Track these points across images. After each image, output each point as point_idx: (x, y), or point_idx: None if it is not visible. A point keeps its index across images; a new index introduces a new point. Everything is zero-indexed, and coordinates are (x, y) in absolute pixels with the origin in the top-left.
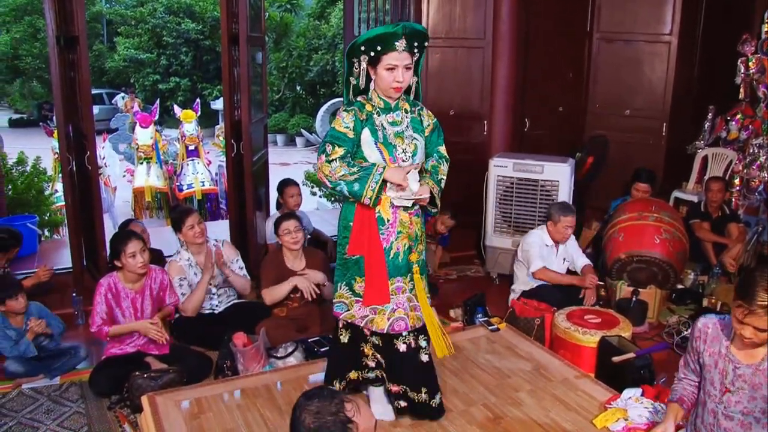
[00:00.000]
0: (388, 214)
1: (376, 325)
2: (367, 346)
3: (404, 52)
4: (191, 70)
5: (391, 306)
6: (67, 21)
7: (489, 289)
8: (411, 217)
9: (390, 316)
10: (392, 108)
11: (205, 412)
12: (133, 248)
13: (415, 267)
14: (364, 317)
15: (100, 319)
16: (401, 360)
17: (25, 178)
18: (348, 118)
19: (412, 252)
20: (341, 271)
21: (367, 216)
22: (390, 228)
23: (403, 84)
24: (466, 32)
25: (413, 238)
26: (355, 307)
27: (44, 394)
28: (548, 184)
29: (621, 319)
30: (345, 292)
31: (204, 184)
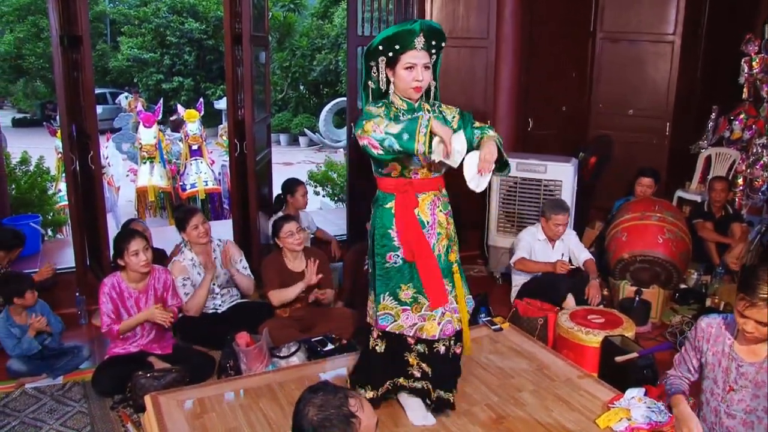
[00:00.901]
0: (426, 215)
1: (427, 332)
2: (411, 355)
3: (423, 51)
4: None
5: (440, 310)
6: (70, 20)
7: (492, 288)
8: (447, 217)
9: (440, 321)
10: (415, 109)
11: (207, 411)
12: (136, 246)
13: (454, 267)
14: (412, 326)
15: (109, 318)
16: (443, 362)
17: (28, 177)
18: (378, 108)
19: (451, 252)
20: (383, 281)
21: (411, 220)
22: (430, 230)
23: (423, 84)
24: (469, 32)
25: (451, 238)
26: (402, 317)
27: (47, 393)
28: (551, 184)
29: (624, 319)
30: (389, 303)
31: (207, 183)
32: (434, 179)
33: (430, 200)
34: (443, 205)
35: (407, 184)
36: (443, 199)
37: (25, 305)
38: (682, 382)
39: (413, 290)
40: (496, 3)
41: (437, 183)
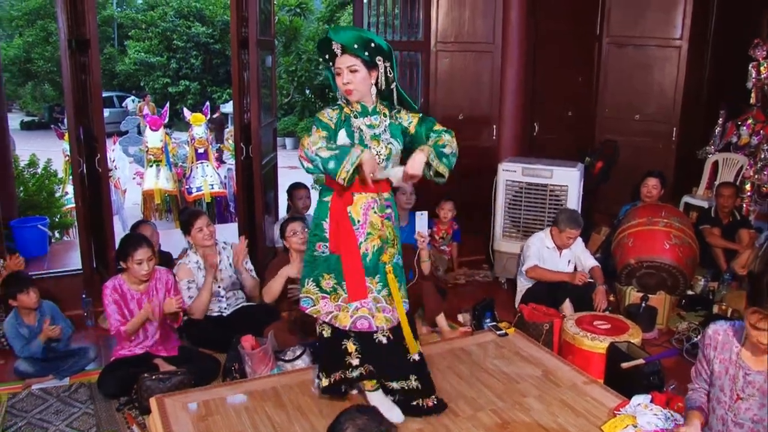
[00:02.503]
0: (358, 214)
1: (339, 321)
2: (349, 342)
3: (345, 55)
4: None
5: (354, 304)
6: (78, 24)
7: (497, 293)
8: (383, 219)
9: (353, 314)
10: (369, 112)
11: (212, 414)
12: (142, 256)
13: (387, 267)
14: (328, 313)
15: (116, 321)
16: (386, 352)
17: (36, 180)
18: (331, 112)
19: (384, 253)
20: (309, 267)
21: (341, 214)
22: (360, 229)
23: (352, 86)
24: (475, 36)
25: (385, 240)
26: (320, 303)
27: (53, 394)
28: (557, 189)
29: (630, 325)
30: (312, 288)
31: (213, 186)
32: (374, 183)
33: (365, 201)
34: (380, 207)
35: None
36: (381, 202)
37: (28, 305)
38: (699, 396)
39: (334, 281)
40: (501, 8)
41: (377, 187)
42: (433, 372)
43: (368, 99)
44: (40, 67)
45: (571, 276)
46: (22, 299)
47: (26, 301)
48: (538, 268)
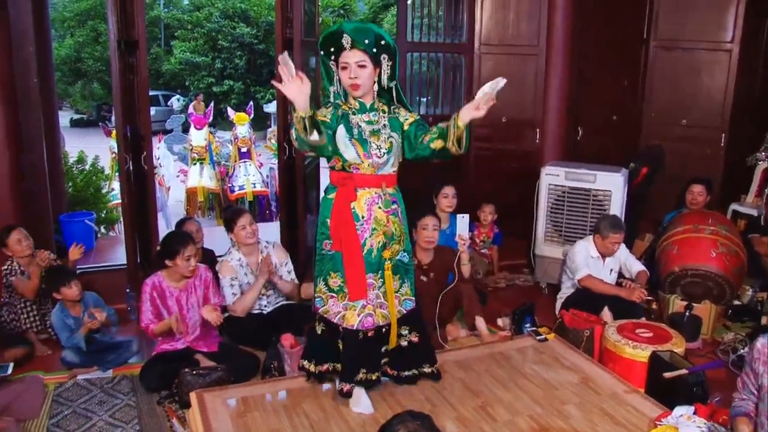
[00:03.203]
0: (362, 210)
1: (347, 321)
2: (341, 342)
3: (354, 50)
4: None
5: (361, 302)
6: (128, 25)
7: (538, 298)
8: (388, 215)
9: (360, 313)
10: (368, 109)
11: (251, 410)
12: (190, 252)
13: (387, 264)
14: (336, 313)
15: (149, 316)
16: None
17: (84, 176)
18: (324, 110)
19: (386, 249)
20: (319, 266)
21: (344, 212)
22: (364, 224)
23: (359, 81)
24: (519, 39)
25: (389, 236)
26: (329, 303)
27: (97, 385)
28: (601, 194)
29: (673, 334)
30: (322, 287)
31: (255, 185)
32: (377, 176)
33: (368, 196)
34: (385, 203)
35: (347, 177)
36: (386, 197)
37: (71, 298)
38: (745, 404)
39: (341, 280)
40: (546, 10)
41: (380, 180)
42: (471, 375)
43: (369, 95)
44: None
45: (628, 292)
46: (65, 292)
47: (69, 294)
48: (593, 278)
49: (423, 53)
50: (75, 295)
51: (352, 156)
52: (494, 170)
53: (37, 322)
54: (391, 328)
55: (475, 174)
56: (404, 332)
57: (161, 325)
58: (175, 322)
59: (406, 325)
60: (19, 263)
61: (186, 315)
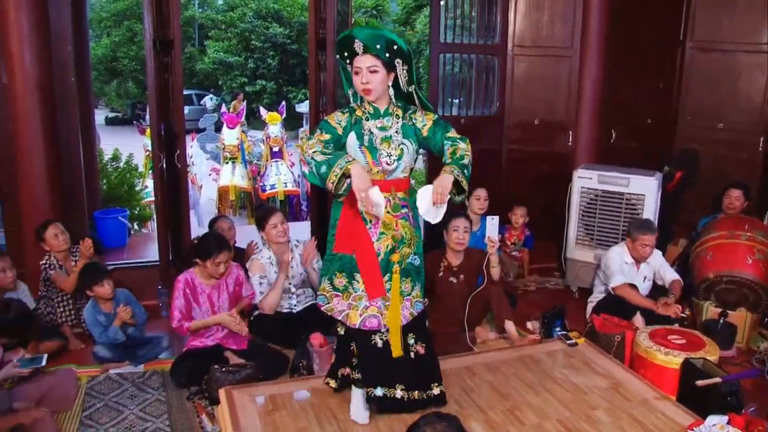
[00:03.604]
0: (370, 215)
1: (350, 320)
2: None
3: (366, 55)
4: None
5: (363, 303)
6: (163, 25)
7: (568, 302)
8: (396, 219)
9: (362, 313)
10: (381, 114)
11: (279, 408)
12: (222, 259)
13: (395, 267)
14: (341, 311)
15: (179, 314)
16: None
17: (118, 173)
18: (341, 116)
19: (395, 252)
20: (326, 266)
21: (353, 215)
22: (372, 228)
23: (371, 86)
24: (553, 40)
25: (398, 240)
26: (334, 301)
27: (129, 380)
28: (634, 198)
29: (707, 342)
30: (326, 286)
31: (286, 185)
32: (386, 181)
33: None
34: (393, 207)
35: None
36: (395, 202)
37: (103, 296)
38: None
39: (346, 279)
40: (581, 11)
41: (389, 185)
42: (499, 378)
43: (383, 100)
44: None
45: (664, 309)
46: (97, 290)
47: (101, 292)
48: (628, 288)
49: (456, 54)
50: (107, 294)
51: (361, 163)
52: (526, 172)
53: (72, 316)
54: (393, 332)
55: (507, 176)
56: (411, 341)
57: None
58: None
59: (412, 332)
60: (57, 257)
61: (216, 312)
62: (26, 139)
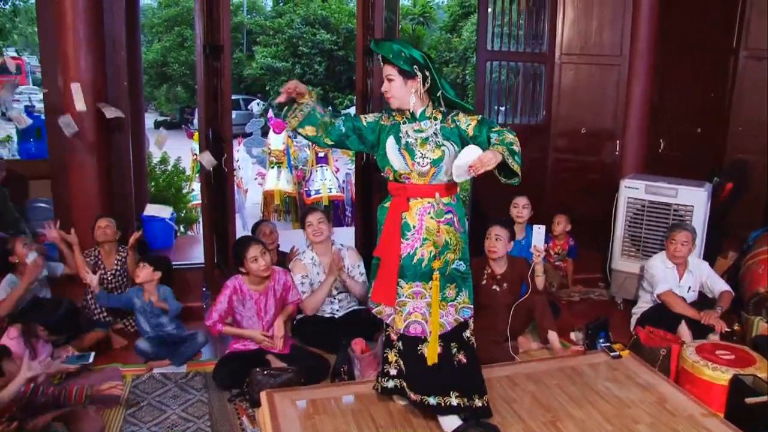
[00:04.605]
0: (414, 220)
1: (396, 324)
2: (392, 352)
3: (385, 65)
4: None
5: (407, 309)
6: (213, 31)
7: (612, 314)
8: (440, 225)
9: (406, 318)
10: (418, 117)
11: (319, 413)
12: (254, 252)
13: (435, 274)
14: (389, 315)
15: (217, 315)
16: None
17: (166, 176)
18: (372, 115)
19: (437, 259)
20: (374, 269)
21: (395, 221)
22: (416, 234)
23: (389, 94)
24: (601, 49)
25: (442, 246)
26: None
27: (172, 380)
28: (682, 209)
29: (757, 358)
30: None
31: (331, 190)
32: (429, 186)
33: (421, 206)
34: (437, 212)
35: (400, 188)
36: (439, 207)
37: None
38: None
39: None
40: (630, 19)
41: (432, 190)
42: (541, 389)
43: (410, 105)
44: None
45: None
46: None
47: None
48: (674, 295)
49: (503, 62)
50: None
51: (401, 166)
52: (572, 182)
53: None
54: (432, 338)
55: (552, 185)
56: (453, 350)
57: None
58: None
59: (455, 342)
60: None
61: (263, 318)
62: (78, 141)
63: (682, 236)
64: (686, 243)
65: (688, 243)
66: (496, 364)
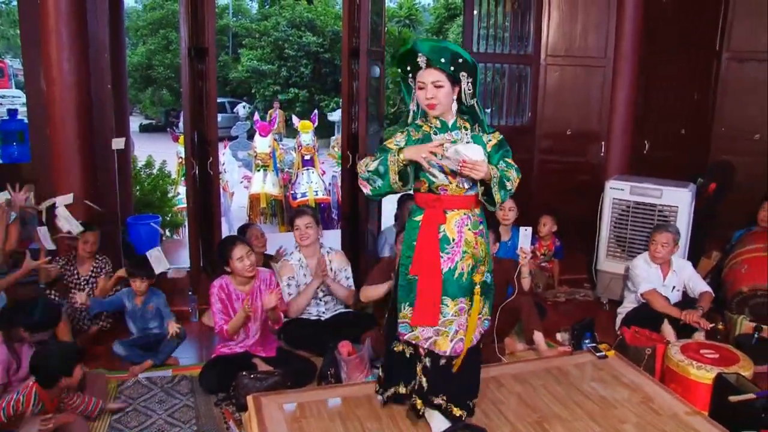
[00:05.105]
0: (453, 233)
1: (439, 347)
2: (420, 365)
3: (429, 69)
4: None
5: (454, 328)
6: (198, 34)
7: (598, 314)
8: (476, 237)
9: (453, 338)
10: (450, 127)
11: (306, 416)
12: (240, 252)
13: (476, 288)
14: (427, 339)
15: (221, 319)
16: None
17: (151, 180)
18: (400, 137)
19: (476, 272)
20: (405, 291)
21: (432, 235)
22: (455, 247)
23: (436, 101)
24: (586, 51)
25: (478, 259)
26: (419, 329)
27: (158, 384)
28: (666, 210)
29: (741, 357)
30: (409, 312)
31: (317, 193)
32: (465, 197)
33: (458, 217)
34: (473, 224)
35: (436, 200)
36: (474, 219)
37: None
38: None
39: None
40: (615, 21)
41: (468, 202)
42: (528, 390)
43: (449, 114)
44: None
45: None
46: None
47: (137, 287)
48: (657, 294)
49: (488, 64)
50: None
51: (442, 178)
52: (558, 183)
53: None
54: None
55: (538, 186)
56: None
57: (235, 322)
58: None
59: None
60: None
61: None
62: (62, 145)
63: (662, 237)
64: (666, 244)
65: (669, 244)
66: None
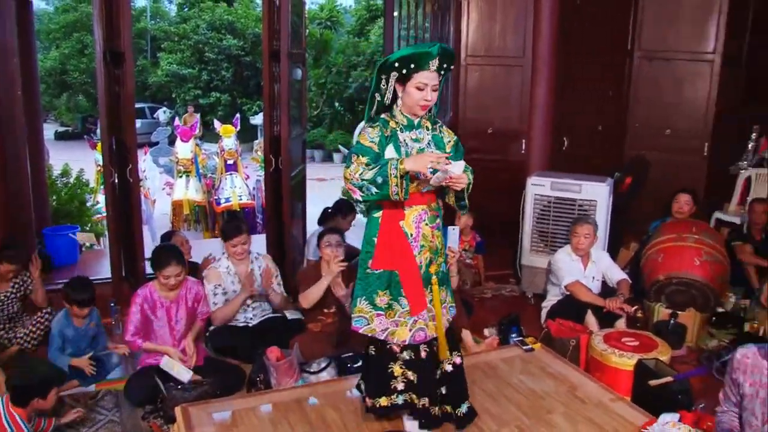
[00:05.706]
0: (411, 228)
1: (398, 336)
2: (396, 365)
3: (435, 72)
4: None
5: (413, 318)
6: (113, 37)
7: (524, 308)
8: (433, 230)
9: (412, 327)
10: (415, 125)
11: (237, 424)
12: (170, 273)
13: (433, 278)
14: (384, 330)
15: (133, 328)
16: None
17: (68, 189)
18: (373, 133)
19: (432, 264)
20: (362, 285)
21: (395, 230)
22: (414, 242)
23: (430, 103)
24: (505, 50)
25: (434, 251)
26: (375, 321)
27: (81, 402)
28: (586, 204)
29: (659, 342)
30: (365, 307)
31: (241, 198)
32: (423, 195)
33: (416, 214)
34: (430, 218)
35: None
36: (431, 213)
37: (79, 315)
38: (730, 419)
39: (389, 297)
40: (532, 22)
41: (426, 198)
42: None
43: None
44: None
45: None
46: (74, 310)
47: (78, 312)
48: (580, 285)
49: None
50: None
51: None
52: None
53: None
54: (440, 339)
55: None
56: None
57: (154, 347)
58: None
59: (448, 341)
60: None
61: (174, 327)
62: None
63: (584, 229)
64: (588, 236)
65: (590, 235)
66: None
